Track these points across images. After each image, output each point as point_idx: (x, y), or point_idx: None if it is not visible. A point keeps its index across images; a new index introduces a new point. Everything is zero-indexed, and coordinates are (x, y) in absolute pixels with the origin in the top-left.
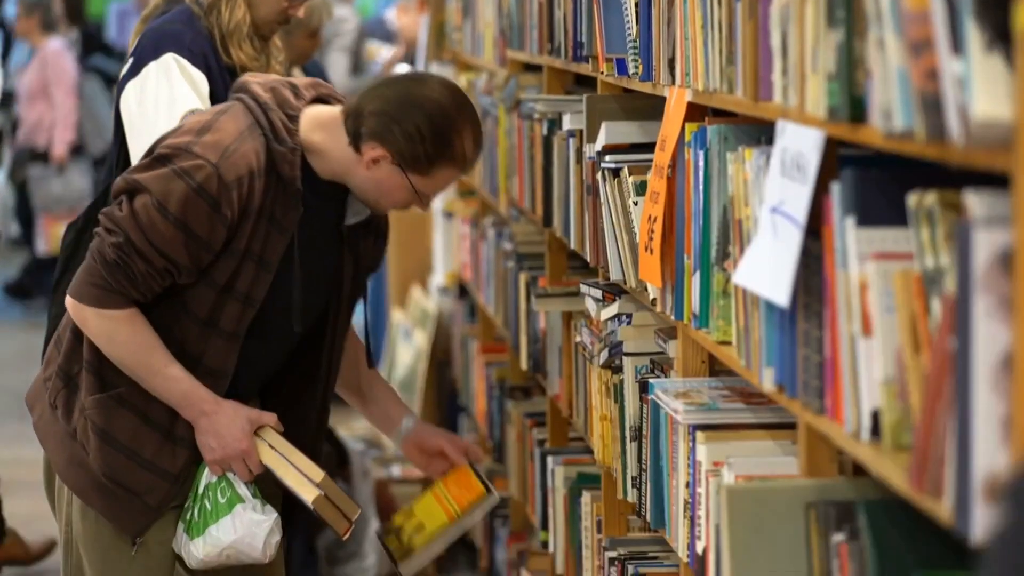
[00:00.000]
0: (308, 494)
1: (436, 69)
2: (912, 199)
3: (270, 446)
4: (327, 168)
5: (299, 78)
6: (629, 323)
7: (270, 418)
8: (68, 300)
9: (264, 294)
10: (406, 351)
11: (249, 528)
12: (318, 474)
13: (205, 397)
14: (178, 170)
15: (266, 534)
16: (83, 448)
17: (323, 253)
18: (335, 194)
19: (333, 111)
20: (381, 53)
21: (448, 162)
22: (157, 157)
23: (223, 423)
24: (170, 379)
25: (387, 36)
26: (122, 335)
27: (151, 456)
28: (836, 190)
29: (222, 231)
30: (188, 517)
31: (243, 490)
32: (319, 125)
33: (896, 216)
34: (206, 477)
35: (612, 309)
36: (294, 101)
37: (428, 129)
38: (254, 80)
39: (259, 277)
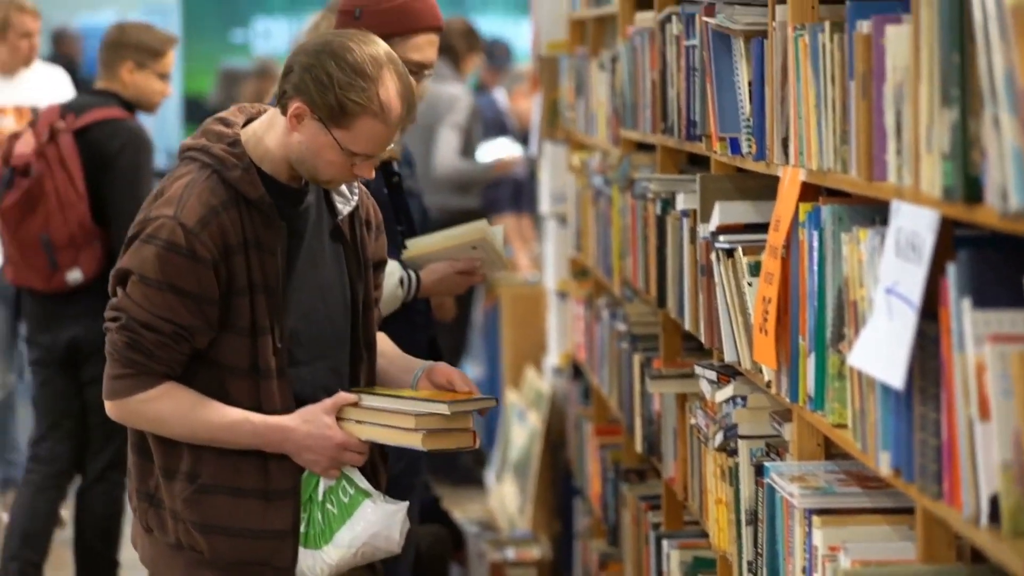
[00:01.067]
0: (415, 442)
1: (549, 148)
2: None
3: (357, 422)
4: (280, 162)
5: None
6: (744, 405)
7: (342, 398)
8: (108, 408)
9: (285, 319)
10: (520, 432)
11: (385, 520)
12: (409, 421)
13: (275, 424)
14: (144, 238)
15: (401, 523)
16: (193, 550)
17: (326, 258)
18: (313, 196)
19: (265, 116)
20: (498, 149)
21: (365, 111)
22: (127, 241)
23: (307, 432)
24: (235, 426)
25: (498, 115)
26: (169, 410)
27: (259, 524)
28: (952, 271)
29: (211, 278)
30: (304, 530)
31: (365, 483)
32: (257, 135)
33: (1013, 297)
34: (323, 483)
35: (727, 391)
36: (227, 130)
37: (338, 74)
38: (186, 139)
39: (273, 305)
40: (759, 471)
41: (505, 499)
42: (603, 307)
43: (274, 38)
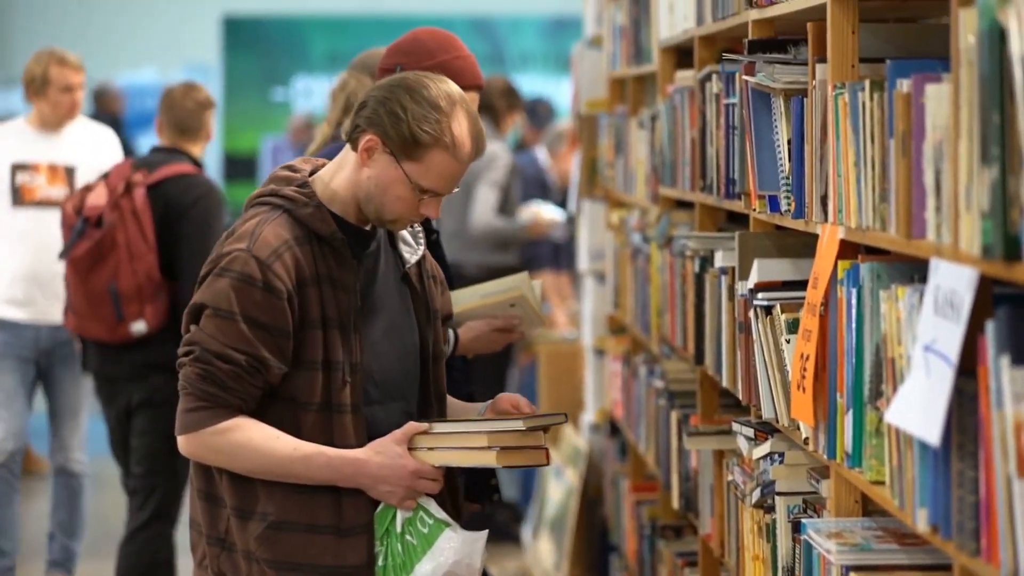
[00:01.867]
0: (489, 460)
1: (588, 206)
2: None
3: (429, 449)
4: (348, 203)
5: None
6: (781, 462)
7: (411, 428)
8: (180, 443)
9: (360, 356)
10: (557, 489)
11: (466, 548)
12: (481, 439)
13: (348, 457)
14: (218, 271)
15: (481, 552)
16: None
17: (396, 303)
18: (380, 242)
19: (333, 160)
20: (540, 211)
21: (437, 143)
22: (200, 280)
23: (379, 464)
24: (308, 459)
25: (539, 173)
26: (240, 443)
27: (333, 560)
28: (991, 329)
29: (284, 309)
30: (383, 563)
31: (443, 514)
32: (324, 180)
33: None
34: (400, 515)
35: (764, 448)
36: (295, 175)
37: (413, 106)
38: (254, 192)
39: (348, 341)
40: (796, 528)
41: (541, 555)
42: (640, 364)
43: (314, 96)
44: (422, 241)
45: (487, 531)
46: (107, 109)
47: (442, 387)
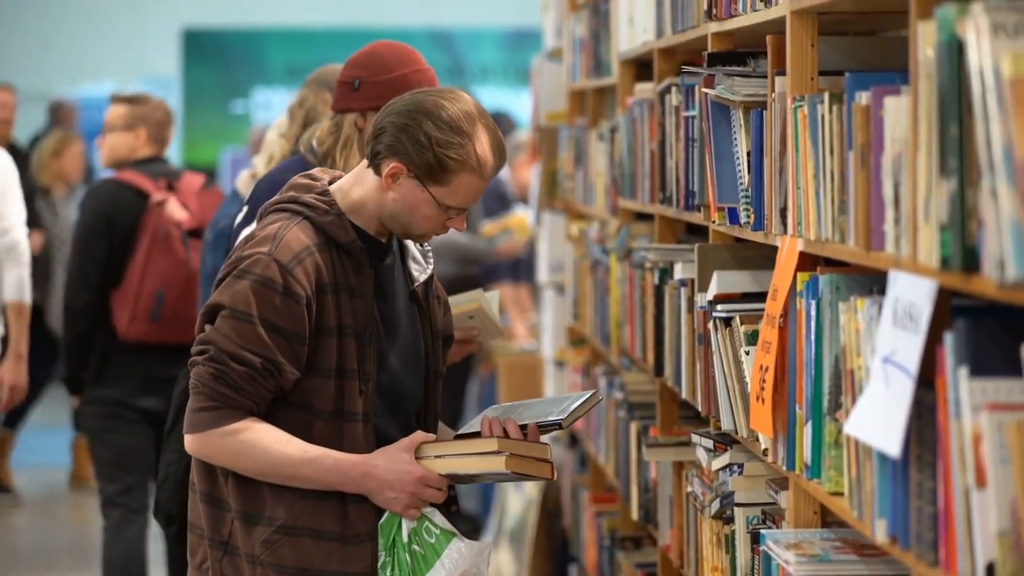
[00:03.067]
0: (498, 465)
1: (548, 218)
2: None
3: (436, 457)
4: (370, 217)
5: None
6: (740, 473)
7: (419, 437)
8: (187, 442)
9: (374, 365)
10: (517, 500)
11: (474, 558)
12: (491, 443)
13: (355, 461)
14: (238, 273)
15: (488, 560)
16: None
17: (404, 319)
18: (396, 255)
19: (350, 174)
20: (499, 233)
21: (463, 167)
22: (219, 279)
23: (386, 469)
24: (316, 461)
25: (497, 185)
26: (249, 444)
27: (338, 567)
28: (949, 340)
29: (302, 314)
30: (391, 573)
31: (448, 524)
32: (344, 190)
33: (1010, 367)
34: (407, 524)
35: (723, 459)
36: (316, 183)
37: (436, 133)
38: (270, 200)
39: (363, 349)
40: (755, 539)
41: (501, 567)
42: (600, 375)
43: (274, 109)
44: (431, 260)
45: (492, 540)
46: (61, 122)
47: (438, 407)
